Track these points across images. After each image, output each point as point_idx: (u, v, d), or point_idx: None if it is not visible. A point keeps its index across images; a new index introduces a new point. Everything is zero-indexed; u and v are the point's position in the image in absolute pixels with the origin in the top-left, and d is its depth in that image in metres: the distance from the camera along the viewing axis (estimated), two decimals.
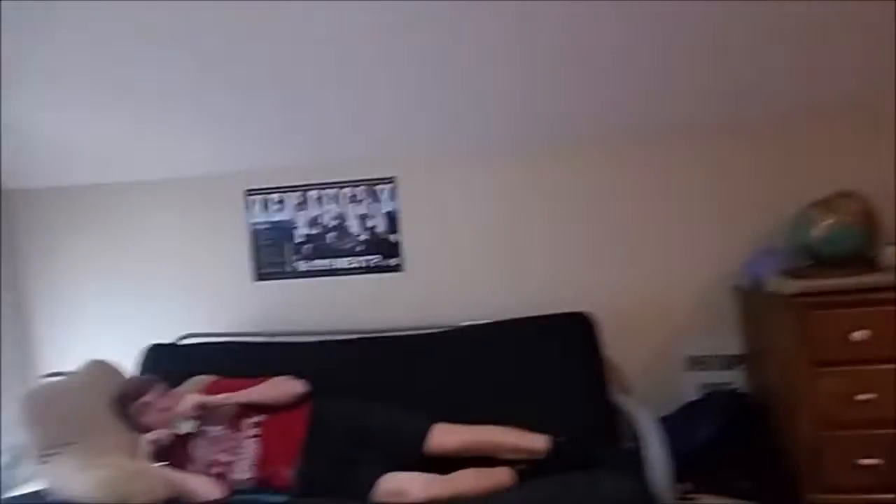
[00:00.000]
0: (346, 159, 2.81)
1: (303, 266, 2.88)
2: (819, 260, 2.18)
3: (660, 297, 2.62)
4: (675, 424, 2.20)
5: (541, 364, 2.28)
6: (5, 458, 2.01)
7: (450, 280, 2.77)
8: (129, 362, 2.49)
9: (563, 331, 2.34)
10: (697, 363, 2.59)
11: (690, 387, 2.54)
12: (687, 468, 2.03)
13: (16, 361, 2.98)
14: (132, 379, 2.33)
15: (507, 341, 2.39)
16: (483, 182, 2.75)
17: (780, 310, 2.10)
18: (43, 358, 3.04)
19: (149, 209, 2.99)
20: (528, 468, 1.91)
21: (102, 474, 1.76)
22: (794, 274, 2.11)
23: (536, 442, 1.97)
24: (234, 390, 2.20)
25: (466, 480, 1.85)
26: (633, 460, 1.84)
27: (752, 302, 2.41)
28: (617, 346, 2.48)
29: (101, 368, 2.32)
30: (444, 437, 2.02)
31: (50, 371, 2.33)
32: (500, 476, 1.87)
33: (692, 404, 2.41)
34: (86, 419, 2.01)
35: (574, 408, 2.15)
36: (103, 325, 3.00)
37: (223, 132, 2.71)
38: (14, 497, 1.93)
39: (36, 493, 1.87)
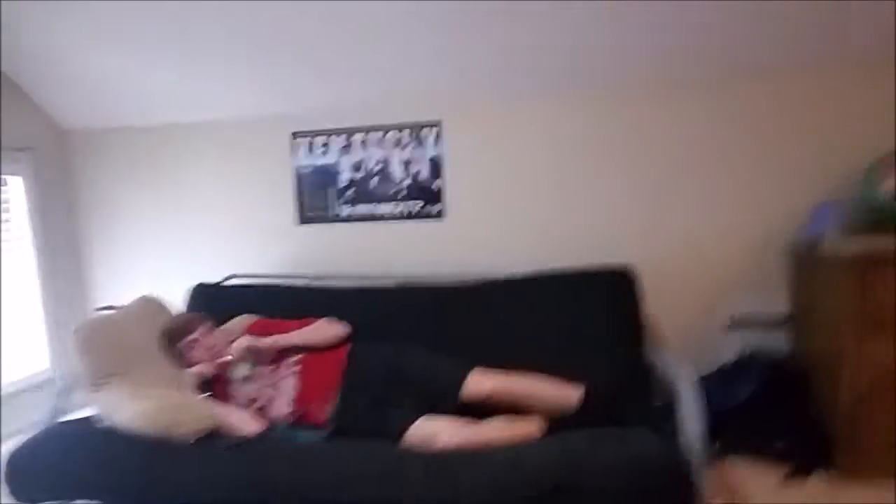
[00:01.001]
0: (392, 102, 2.75)
1: (346, 210, 2.89)
2: (883, 219, 2.03)
3: (707, 253, 2.52)
4: (713, 384, 2.16)
5: (579, 317, 2.24)
6: (60, 384, 2.14)
7: (491, 229, 2.73)
8: (176, 300, 2.59)
9: (604, 285, 2.28)
10: (741, 323, 2.50)
11: (731, 347, 2.46)
12: (721, 428, 2.00)
13: (71, 294, 3.17)
14: (180, 316, 2.42)
15: (547, 293, 2.35)
16: (528, 129, 2.65)
17: (836, 269, 1.98)
18: (96, 292, 3.22)
19: (198, 150, 3.03)
20: (557, 420, 1.91)
21: (149, 405, 1.85)
22: (856, 232, 1.98)
23: (570, 392, 1.97)
24: (275, 330, 2.26)
25: (496, 429, 1.86)
26: (665, 417, 1.82)
27: (806, 260, 2.28)
28: (658, 301, 2.41)
29: (150, 304, 2.42)
30: (480, 381, 2.04)
31: (102, 305, 2.44)
32: (529, 426, 1.88)
33: (732, 365, 2.35)
34: (135, 351, 2.11)
35: (608, 362, 2.11)
36: (153, 262, 3.13)
37: (271, 74, 2.69)
38: (67, 421, 2.06)
39: (88, 419, 1.98)
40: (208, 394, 2.07)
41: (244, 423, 1.98)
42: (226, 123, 2.97)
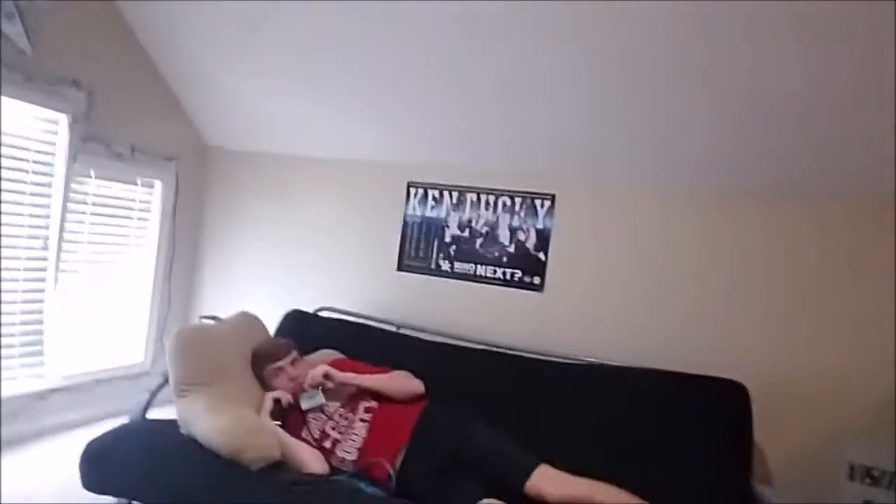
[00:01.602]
0: (510, 169, 2.76)
1: (446, 265, 2.88)
2: None
3: (833, 385, 2.25)
4: None
5: (678, 426, 2.04)
6: (153, 381, 2.22)
7: (589, 311, 2.61)
8: (271, 322, 2.65)
9: (714, 397, 2.07)
10: (866, 474, 2.17)
11: (851, 499, 2.14)
12: None
13: (182, 297, 3.35)
14: (272, 340, 2.46)
15: (644, 391, 2.17)
16: (648, 218, 2.56)
17: None
18: (204, 299, 3.40)
19: (318, 184, 3.19)
20: None
21: (225, 421, 1.85)
22: None
23: None
24: (354, 371, 2.23)
25: None
26: None
27: None
28: (768, 431, 2.16)
29: (248, 321, 2.48)
30: (547, 482, 1.85)
31: (207, 314, 2.54)
32: None
33: None
34: (224, 365, 2.15)
35: (702, 486, 1.87)
36: (258, 282, 3.27)
37: (400, 122, 2.81)
38: (150, 420, 2.11)
39: (169, 422, 2.02)
40: (280, 423, 2.05)
41: (310, 460, 1.94)
42: (349, 162, 3.10)
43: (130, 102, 2.95)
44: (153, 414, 2.16)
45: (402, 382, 2.23)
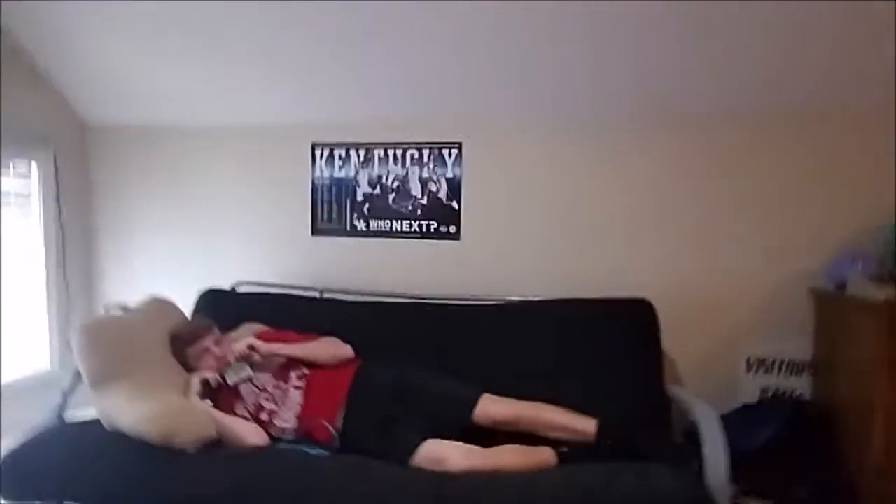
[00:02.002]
0: (414, 120, 2.74)
1: (360, 225, 2.86)
2: None
3: (726, 291, 2.47)
4: (732, 425, 2.08)
5: (596, 347, 2.19)
6: (64, 384, 2.09)
7: (506, 253, 2.70)
8: (185, 303, 2.54)
9: (623, 316, 2.24)
10: (760, 365, 2.45)
11: (750, 389, 2.42)
12: (740, 471, 1.93)
13: (81, 290, 3.12)
14: (191, 322, 2.38)
15: (563, 321, 2.30)
16: (550, 155, 2.64)
17: (864, 316, 1.94)
18: (105, 289, 3.18)
19: (216, 154, 3.02)
20: (572, 451, 1.84)
21: (152, 408, 1.80)
22: (884, 279, 1.94)
23: (585, 424, 1.91)
24: (283, 341, 2.22)
25: (508, 455, 1.80)
26: (685, 455, 1.75)
27: (831, 306, 2.24)
28: (674, 338, 2.36)
29: (160, 306, 2.37)
30: (492, 406, 1.99)
31: (114, 302, 2.40)
32: (542, 455, 1.81)
33: (750, 406, 2.29)
34: (141, 353, 2.06)
35: (626, 395, 2.06)
36: (164, 263, 3.10)
37: (296, 82, 2.69)
38: (67, 423, 2.00)
39: (89, 421, 1.93)
40: (213, 403, 2.01)
41: (248, 433, 1.93)
42: (246, 128, 2.96)
43: None
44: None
45: (330, 348, 2.25)
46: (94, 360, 1.96)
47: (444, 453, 1.81)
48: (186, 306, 2.55)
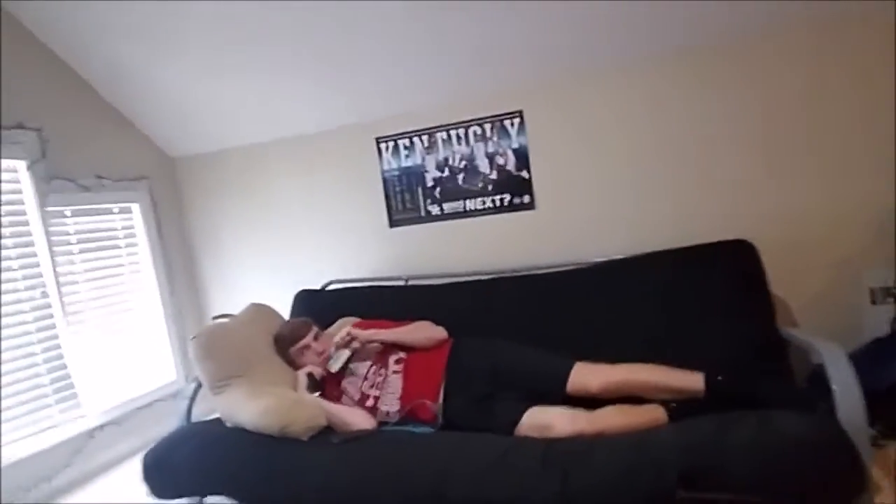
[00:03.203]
0: (472, 97, 2.72)
1: (435, 209, 2.88)
2: None
3: (834, 223, 2.28)
4: (861, 362, 1.91)
5: (696, 297, 2.07)
6: (190, 390, 2.27)
7: (585, 214, 2.62)
8: (281, 306, 2.68)
9: (722, 260, 2.10)
10: (886, 295, 2.22)
11: (877, 322, 2.20)
12: (875, 411, 1.76)
13: (190, 305, 3.39)
14: (290, 322, 2.50)
15: (657, 274, 2.19)
16: (617, 105, 2.52)
17: None
18: (211, 304, 3.43)
19: (289, 164, 3.15)
20: (682, 406, 1.76)
21: (266, 403, 1.91)
22: None
23: (691, 380, 1.80)
24: (377, 330, 2.28)
25: (615, 416, 1.75)
26: (810, 399, 1.62)
27: None
28: (785, 280, 2.20)
29: (260, 311, 2.52)
30: (587, 376, 1.92)
31: (217, 313, 2.57)
32: (652, 413, 1.74)
33: (882, 340, 2.09)
34: (250, 355, 2.20)
35: (735, 344, 1.93)
36: (259, 272, 3.29)
37: (347, 85, 2.75)
38: (196, 423, 2.17)
39: (214, 420, 2.08)
40: (319, 393, 2.11)
41: (357, 419, 2.00)
42: (310, 136, 3.06)
43: (83, 133, 2.91)
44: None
45: (425, 331, 2.28)
46: (211, 366, 2.12)
47: (548, 420, 1.79)
48: (283, 309, 2.68)
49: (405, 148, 2.90)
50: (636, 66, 2.45)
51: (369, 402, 2.12)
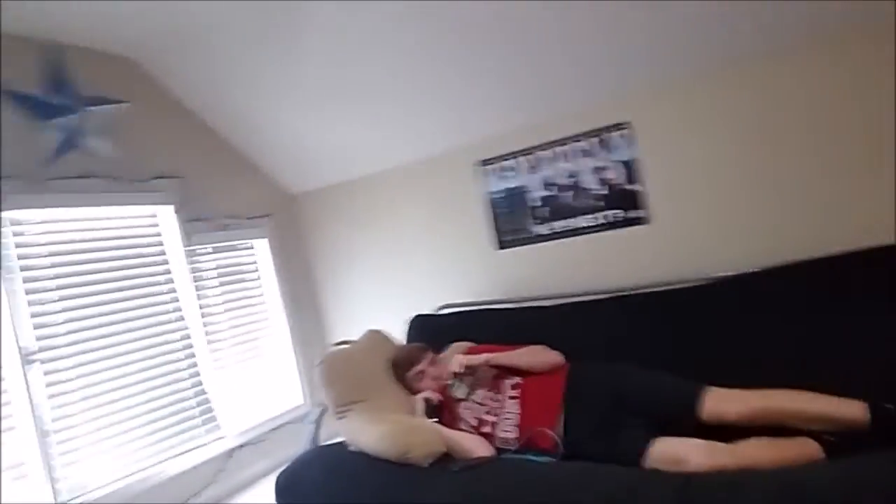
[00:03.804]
0: (574, 112, 2.66)
1: (542, 230, 2.83)
2: None
3: None
4: None
5: (848, 312, 1.84)
6: (316, 414, 2.38)
7: (705, 226, 2.45)
8: (397, 331, 2.75)
9: (869, 268, 1.86)
10: None
11: None
12: None
13: (314, 333, 3.58)
14: (406, 347, 2.55)
15: (797, 287, 1.99)
16: (730, 108, 2.34)
17: None
18: (332, 330, 3.60)
19: (398, 193, 3.26)
20: (841, 440, 1.56)
21: (387, 428, 1.95)
22: None
23: (851, 409, 1.59)
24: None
25: (761, 450, 1.58)
26: None
27: None
28: None
29: (377, 337, 2.60)
30: (723, 402, 1.76)
31: (338, 340, 2.69)
32: (804, 448, 1.56)
33: None
34: (369, 380, 2.27)
35: None
36: (375, 299, 3.41)
37: (450, 108, 2.80)
38: (323, 446, 2.26)
39: (340, 443, 2.15)
40: (436, 419, 2.12)
41: (475, 446, 1.98)
42: (418, 163, 3.15)
43: (215, 177, 3.20)
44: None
45: (540, 355, 2.23)
46: (335, 391, 2.21)
47: (682, 452, 1.66)
48: (399, 334, 2.74)
49: (510, 169, 2.89)
50: (749, 65, 2.28)
51: (486, 429, 2.09)
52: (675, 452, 1.67)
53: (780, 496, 1.30)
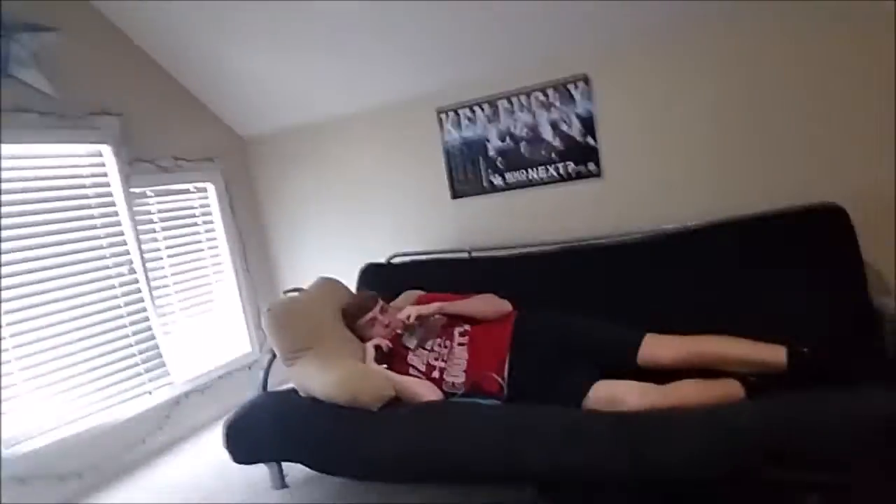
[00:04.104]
0: (534, 62, 2.63)
1: (498, 180, 2.84)
2: None
3: None
4: None
5: (777, 265, 1.95)
6: (265, 360, 2.38)
7: (655, 181, 2.51)
8: (349, 279, 2.74)
9: (806, 225, 1.96)
10: None
11: None
12: None
13: (263, 280, 3.53)
14: (358, 295, 2.55)
15: (733, 241, 2.08)
16: (686, 65, 2.37)
17: None
18: (282, 279, 3.55)
19: (353, 140, 3.18)
20: (761, 381, 1.67)
21: (336, 374, 1.97)
22: None
23: (772, 353, 1.70)
24: (441, 302, 2.29)
25: (689, 390, 1.68)
26: None
27: None
28: (880, 246, 2.03)
29: (329, 284, 2.58)
30: (658, 347, 1.86)
31: (288, 287, 2.66)
32: (728, 388, 1.67)
33: None
34: (320, 327, 2.26)
35: (821, 314, 1.81)
36: (326, 246, 3.38)
37: (409, 55, 2.73)
38: (271, 392, 2.28)
39: (288, 391, 2.17)
40: (386, 366, 2.15)
41: (425, 391, 2.03)
42: (375, 110, 3.07)
43: (160, 116, 3.05)
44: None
45: (488, 303, 2.27)
46: (284, 339, 2.20)
47: (618, 393, 1.75)
48: (351, 282, 2.74)
49: (467, 119, 2.86)
50: (707, 24, 2.29)
51: (435, 374, 2.14)
52: (612, 394, 1.76)
53: (701, 428, 1.39)
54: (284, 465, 2.20)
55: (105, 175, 2.75)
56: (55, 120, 2.53)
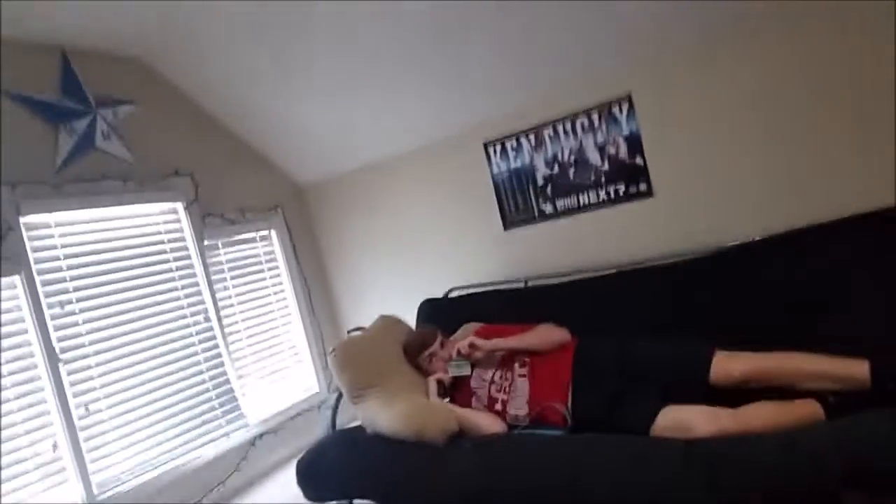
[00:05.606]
0: (575, 87, 2.65)
1: (548, 208, 2.85)
2: None
3: None
4: None
5: (852, 276, 1.85)
6: (332, 399, 2.45)
7: (709, 196, 2.44)
8: (408, 315, 2.80)
9: (874, 232, 1.87)
10: None
11: None
12: None
13: (327, 322, 3.65)
14: (418, 331, 2.60)
15: (801, 254, 2.00)
16: (732, 74, 2.32)
17: None
18: (345, 317, 3.67)
19: (405, 179, 3.29)
20: (842, 400, 1.58)
21: (402, 409, 2.01)
22: None
23: (853, 368, 1.61)
24: (499, 334, 2.29)
25: (762, 413, 1.61)
26: None
27: None
28: None
29: (390, 322, 2.65)
30: (728, 364, 1.79)
31: (351, 327, 2.75)
32: (805, 409, 1.58)
33: None
34: (383, 364, 2.32)
35: None
36: (385, 285, 3.46)
37: (453, 92, 2.81)
38: (341, 430, 2.34)
39: (357, 427, 2.23)
40: (448, 399, 2.17)
41: (488, 423, 2.03)
42: (422, 149, 3.17)
43: (225, 171, 3.26)
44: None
45: (546, 334, 2.25)
46: (349, 377, 2.27)
47: (687, 419, 1.70)
48: (411, 319, 2.79)
49: (512, 149, 2.90)
50: (751, 35, 2.25)
51: (498, 406, 2.14)
52: (680, 420, 1.70)
53: (775, 451, 1.33)
54: (355, 501, 2.24)
55: (180, 231, 2.96)
56: (135, 185, 2.76)
